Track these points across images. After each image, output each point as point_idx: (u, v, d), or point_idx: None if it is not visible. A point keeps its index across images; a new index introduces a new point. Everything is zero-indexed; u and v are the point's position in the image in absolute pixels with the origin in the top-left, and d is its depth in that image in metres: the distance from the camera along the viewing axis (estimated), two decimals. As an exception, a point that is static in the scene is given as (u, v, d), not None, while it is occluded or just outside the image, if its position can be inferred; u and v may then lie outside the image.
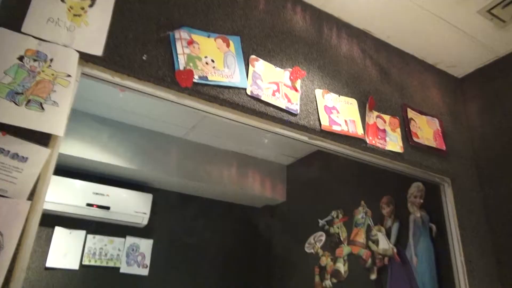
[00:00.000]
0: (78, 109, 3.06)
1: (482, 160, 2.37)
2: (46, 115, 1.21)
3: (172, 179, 3.42)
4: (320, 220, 3.28)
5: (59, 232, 3.09)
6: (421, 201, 2.48)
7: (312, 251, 3.29)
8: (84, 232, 3.20)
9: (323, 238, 3.24)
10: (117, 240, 3.33)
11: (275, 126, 1.78)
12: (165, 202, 3.56)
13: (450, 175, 2.25)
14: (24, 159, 1.16)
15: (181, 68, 1.54)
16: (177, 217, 3.61)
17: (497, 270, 2.14)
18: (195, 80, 1.55)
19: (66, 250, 3.08)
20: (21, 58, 1.23)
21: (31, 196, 1.16)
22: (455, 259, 2.09)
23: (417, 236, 2.45)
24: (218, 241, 3.77)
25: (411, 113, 2.22)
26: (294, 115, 1.78)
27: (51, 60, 1.27)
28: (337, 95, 1.97)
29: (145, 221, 3.31)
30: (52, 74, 1.26)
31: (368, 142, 1.96)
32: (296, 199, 3.78)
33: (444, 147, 2.26)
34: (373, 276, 2.68)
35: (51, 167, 1.24)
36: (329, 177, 3.38)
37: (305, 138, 1.86)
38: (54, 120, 1.22)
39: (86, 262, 3.14)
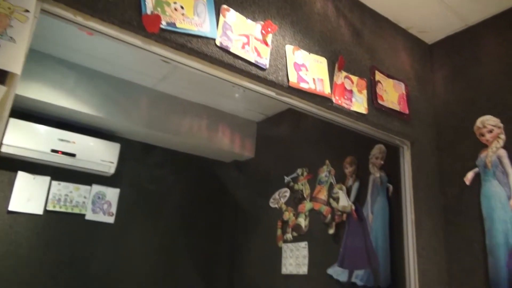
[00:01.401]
0: (44, 51, 2.93)
1: (442, 126, 2.46)
2: (1, 51, 1.16)
3: (141, 130, 3.39)
4: (286, 177, 3.37)
5: (22, 177, 3.05)
6: (382, 162, 2.59)
7: (276, 206, 3.41)
8: (48, 178, 3.17)
9: (288, 194, 3.35)
10: (83, 188, 3.32)
11: (243, 79, 1.78)
12: (133, 152, 3.54)
13: (410, 139, 2.33)
14: (-22, 95, 1.13)
15: (148, 12, 1.49)
16: (145, 168, 3.62)
17: (445, 229, 2.29)
18: (162, 26, 1.51)
19: (29, 195, 3.06)
20: (-27, -12, 1.16)
21: (-14, 134, 1.15)
22: (406, 217, 2.22)
23: (375, 195, 2.58)
24: (185, 193, 3.82)
25: (378, 76, 2.25)
26: (263, 69, 1.78)
27: (8, -8, 1.20)
28: (307, 53, 1.97)
29: (112, 170, 3.30)
30: (9, 8, 1.20)
31: (334, 101, 1.99)
32: (264, 156, 3.84)
33: (407, 111, 2.33)
34: (331, 231, 2.82)
35: (8, 106, 1.21)
36: (297, 136, 3.44)
37: (272, 94, 1.87)
38: (10, 56, 1.17)
39: (50, 207, 3.13)
